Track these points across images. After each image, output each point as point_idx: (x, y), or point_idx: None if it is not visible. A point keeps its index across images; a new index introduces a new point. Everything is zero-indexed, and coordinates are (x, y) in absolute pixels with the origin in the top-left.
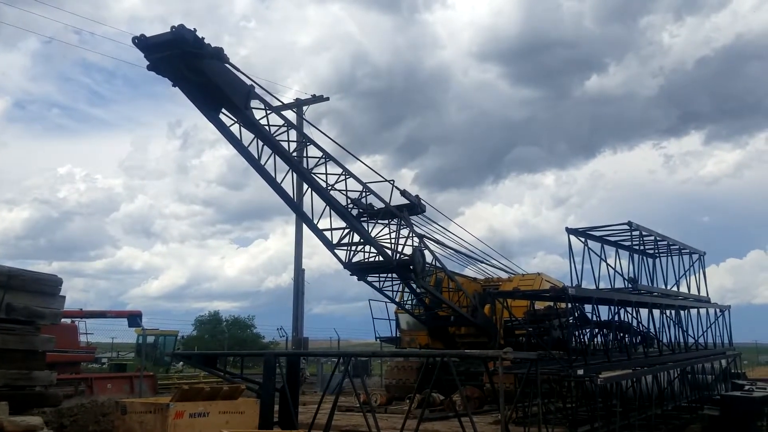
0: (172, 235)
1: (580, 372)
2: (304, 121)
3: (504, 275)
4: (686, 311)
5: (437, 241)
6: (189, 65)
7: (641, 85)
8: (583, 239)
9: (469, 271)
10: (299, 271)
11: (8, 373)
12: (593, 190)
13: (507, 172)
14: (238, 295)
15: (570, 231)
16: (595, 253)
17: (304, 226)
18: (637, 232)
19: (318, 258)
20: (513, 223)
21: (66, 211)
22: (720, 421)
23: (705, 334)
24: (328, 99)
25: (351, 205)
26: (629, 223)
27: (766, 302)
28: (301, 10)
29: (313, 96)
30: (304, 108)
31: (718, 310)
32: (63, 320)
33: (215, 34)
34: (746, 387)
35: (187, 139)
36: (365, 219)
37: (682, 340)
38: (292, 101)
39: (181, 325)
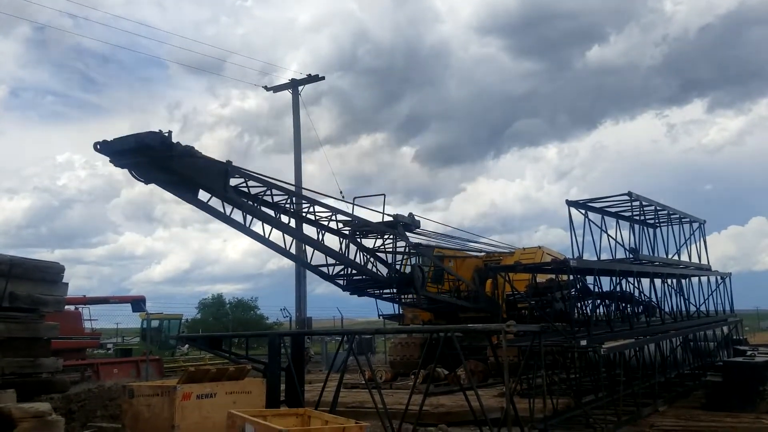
0: (173, 219)
1: (584, 343)
2: (301, 102)
3: (505, 251)
4: (687, 280)
5: (436, 247)
6: (159, 167)
7: (643, 54)
8: (583, 211)
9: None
10: (301, 252)
11: (14, 360)
12: (595, 161)
13: (508, 147)
14: (241, 278)
15: (570, 203)
16: (596, 224)
17: (303, 203)
18: (637, 203)
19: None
20: (515, 198)
21: (66, 198)
22: (723, 387)
23: (706, 301)
24: (323, 78)
25: (344, 227)
26: (629, 194)
27: (766, 269)
28: None
29: (309, 76)
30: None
31: (719, 277)
32: (67, 307)
33: (213, 15)
34: (748, 353)
35: (187, 122)
36: (359, 236)
37: (683, 308)
38: (288, 81)
39: (184, 308)
